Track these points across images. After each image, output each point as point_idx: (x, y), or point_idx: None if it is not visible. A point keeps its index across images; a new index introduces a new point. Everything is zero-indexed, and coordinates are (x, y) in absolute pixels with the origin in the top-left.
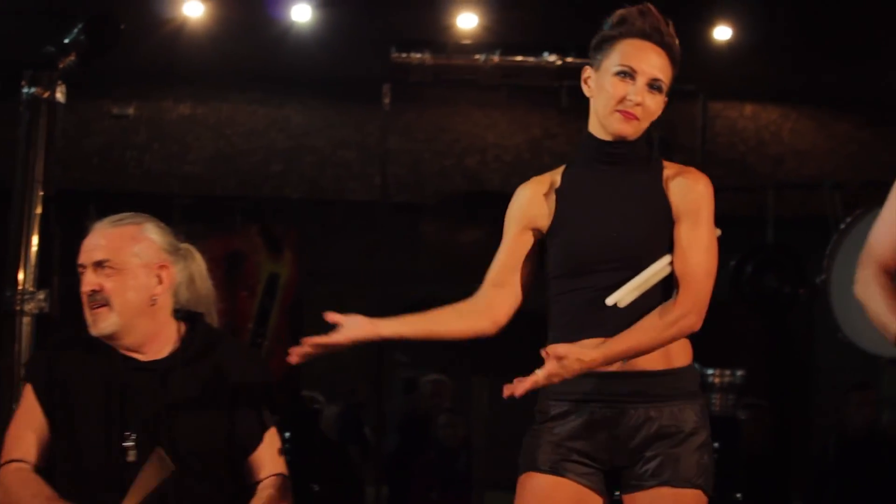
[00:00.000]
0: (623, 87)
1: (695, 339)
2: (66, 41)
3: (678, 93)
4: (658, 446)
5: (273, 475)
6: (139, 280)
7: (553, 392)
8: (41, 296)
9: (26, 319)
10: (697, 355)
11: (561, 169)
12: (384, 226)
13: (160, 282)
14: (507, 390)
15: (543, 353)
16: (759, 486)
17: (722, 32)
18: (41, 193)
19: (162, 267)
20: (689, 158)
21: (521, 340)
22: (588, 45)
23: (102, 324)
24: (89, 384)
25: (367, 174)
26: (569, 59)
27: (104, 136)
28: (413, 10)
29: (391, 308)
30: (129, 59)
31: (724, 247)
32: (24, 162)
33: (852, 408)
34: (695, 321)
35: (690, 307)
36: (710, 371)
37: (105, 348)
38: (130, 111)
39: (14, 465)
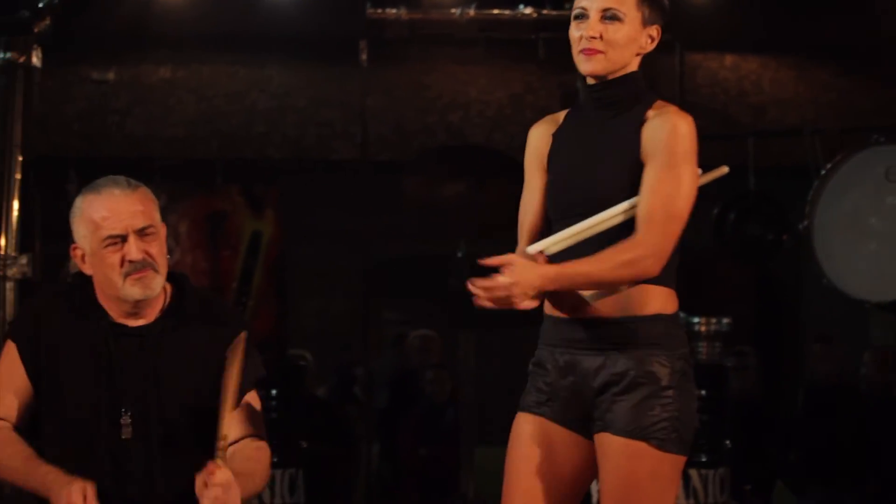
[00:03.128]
0: (578, 29)
1: (680, 287)
2: (41, 5)
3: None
4: (609, 393)
5: (253, 437)
6: (165, 242)
7: (541, 338)
8: (24, 261)
9: (10, 285)
10: (683, 303)
11: (566, 111)
12: (367, 184)
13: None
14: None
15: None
16: (748, 433)
17: None
18: (20, 159)
19: (164, 227)
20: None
21: None
22: None
23: (153, 284)
24: (77, 350)
25: (350, 133)
26: (544, 12)
27: (84, 102)
28: None
29: (376, 266)
30: (107, 24)
31: (707, 196)
32: (2, 127)
33: (815, 360)
34: (651, 265)
35: (647, 250)
36: (696, 319)
37: (93, 313)
38: (110, 76)
39: None
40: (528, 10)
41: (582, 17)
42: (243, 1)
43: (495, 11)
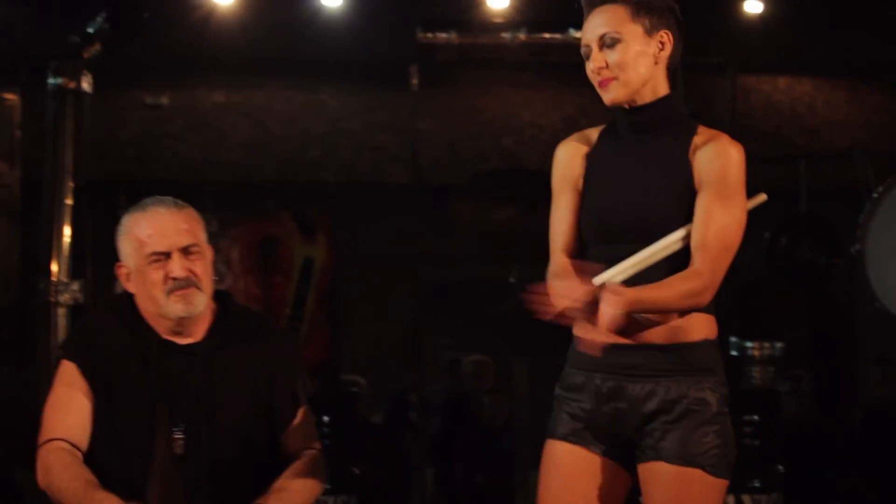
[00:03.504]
0: (589, 64)
1: (734, 312)
2: (90, 31)
3: (708, 66)
4: (658, 421)
5: (307, 449)
6: (210, 261)
7: (571, 362)
8: (75, 286)
9: (61, 310)
10: (738, 328)
11: (599, 129)
12: (420, 209)
13: (211, 262)
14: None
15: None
16: (801, 458)
17: (753, 6)
18: (72, 184)
19: (209, 248)
20: (722, 132)
21: None
22: None
23: (196, 301)
24: (131, 365)
25: (404, 157)
26: None
27: (138, 127)
28: None
29: (429, 291)
30: (160, 48)
31: (758, 219)
32: (53, 153)
33: (874, 383)
34: (708, 296)
35: (707, 282)
36: (749, 344)
37: (142, 332)
38: (164, 100)
39: (55, 443)
40: (578, 34)
41: (588, 54)
42: (297, 26)
43: (546, 35)
